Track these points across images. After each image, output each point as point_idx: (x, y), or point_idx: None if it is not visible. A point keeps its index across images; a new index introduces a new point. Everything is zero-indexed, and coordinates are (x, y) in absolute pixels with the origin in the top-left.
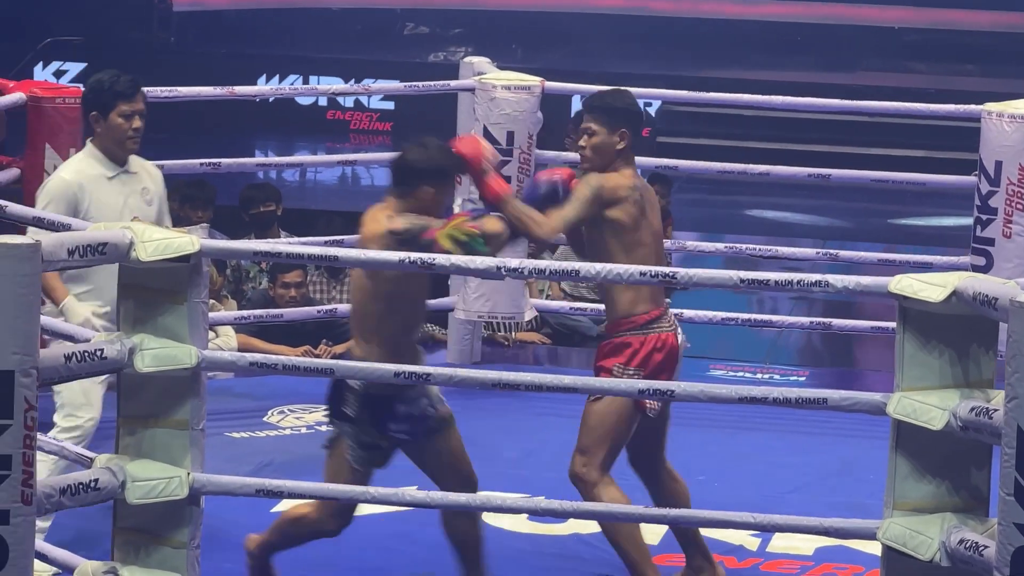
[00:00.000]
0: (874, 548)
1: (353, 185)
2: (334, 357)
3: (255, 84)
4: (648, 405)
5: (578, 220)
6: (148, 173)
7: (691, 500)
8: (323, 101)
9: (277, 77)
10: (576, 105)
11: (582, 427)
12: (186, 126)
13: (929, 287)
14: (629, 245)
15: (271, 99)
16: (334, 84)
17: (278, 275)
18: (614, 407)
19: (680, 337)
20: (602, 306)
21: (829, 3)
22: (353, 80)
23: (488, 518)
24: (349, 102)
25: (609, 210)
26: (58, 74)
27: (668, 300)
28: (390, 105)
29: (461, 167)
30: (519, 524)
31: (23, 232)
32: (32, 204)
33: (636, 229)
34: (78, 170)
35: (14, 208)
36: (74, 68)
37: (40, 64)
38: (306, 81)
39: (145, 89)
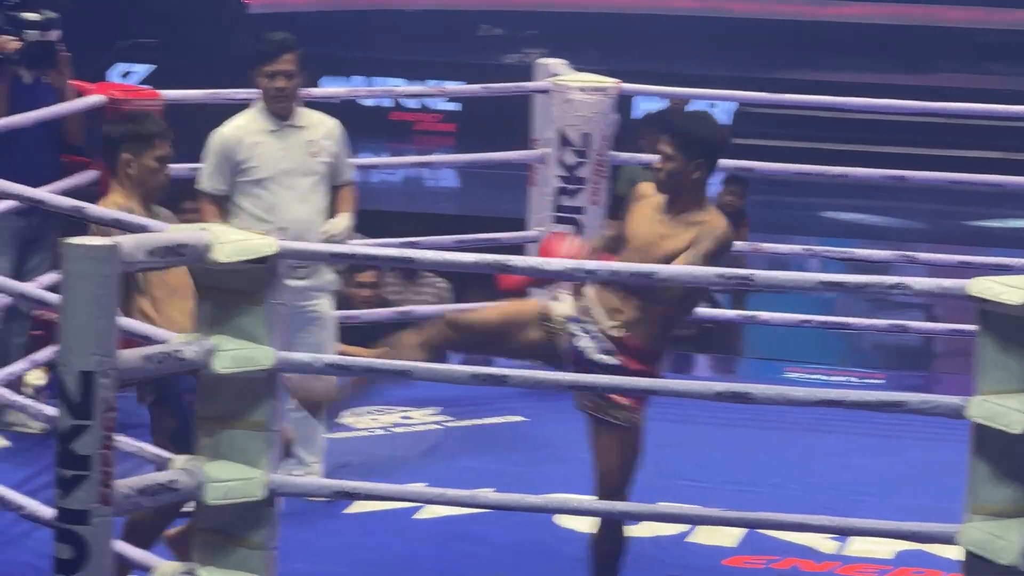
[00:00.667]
0: (953, 552)
1: (417, 187)
2: None
3: (316, 85)
4: None
5: None
6: (319, 127)
7: (765, 503)
8: (387, 102)
9: (343, 78)
10: (638, 106)
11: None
12: None
13: (1010, 290)
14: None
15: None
16: (401, 85)
17: (353, 274)
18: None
19: None
20: None
21: (905, 4)
22: (427, 81)
23: (563, 520)
24: (413, 103)
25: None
26: (125, 76)
27: None
28: (455, 106)
29: (159, 132)
30: (595, 527)
31: (99, 234)
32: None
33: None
34: (238, 125)
35: (92, 209)
36: (142, 71)
37: (113, 66)
38: (369, 83)
39: (220, 91)
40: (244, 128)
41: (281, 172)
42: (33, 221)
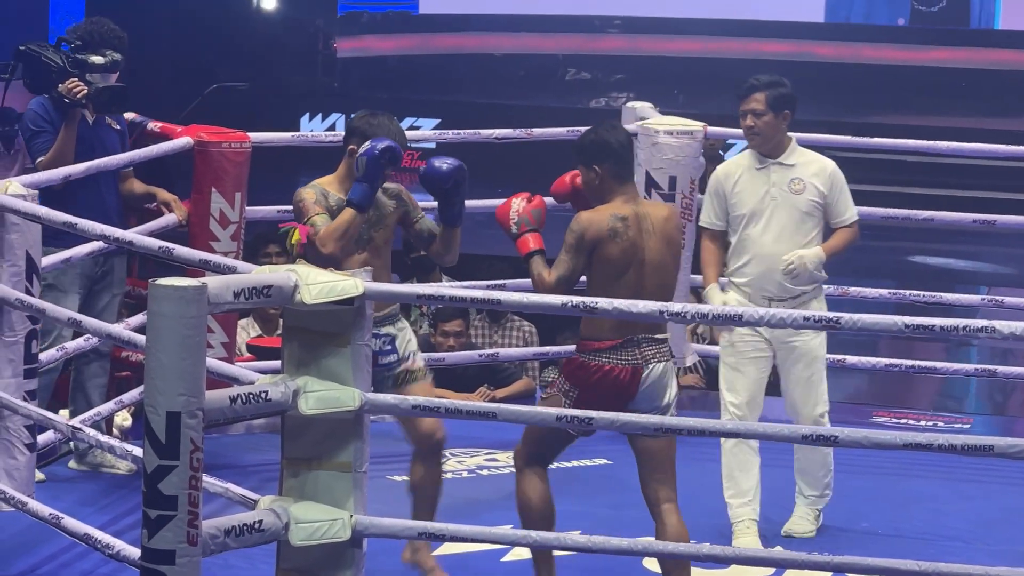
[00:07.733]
0: None
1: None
2: (495, 401)
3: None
4: None
5: (574, 270)
6: (810, 165)
7: (854, 548)
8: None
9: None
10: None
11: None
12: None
13: None
14: (610, 277)
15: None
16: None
17: (439, 323)
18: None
19: (645, 372)
20: None
21: (994, 49)
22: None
23: (649, 563)
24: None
25: (597, 250)
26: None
27: (645, 335)
28: None
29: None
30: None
31: (190, 274)
32: (199, 247)
33: (621, 261)
34: (732, 161)
35: (181, 251)
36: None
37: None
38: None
39: (306, 134)
40: (735, 164)
41: (758, 208)
42: (99, 259)
